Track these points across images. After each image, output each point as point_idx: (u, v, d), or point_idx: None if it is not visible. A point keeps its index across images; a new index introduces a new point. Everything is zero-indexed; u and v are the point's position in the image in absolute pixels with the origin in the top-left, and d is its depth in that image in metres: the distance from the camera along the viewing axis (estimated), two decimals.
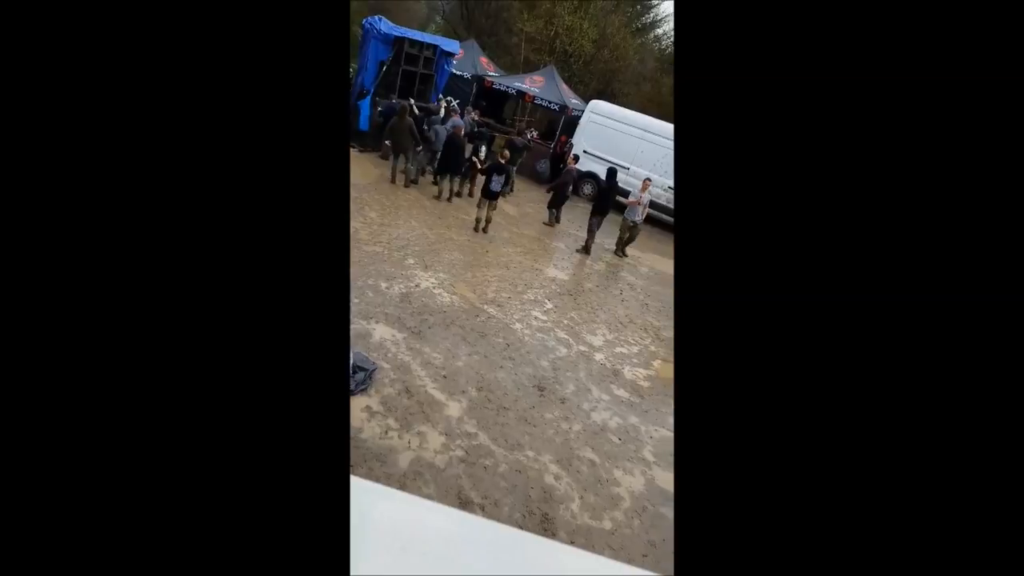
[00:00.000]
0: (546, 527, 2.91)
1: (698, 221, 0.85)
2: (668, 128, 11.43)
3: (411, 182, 8.68)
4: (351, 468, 2.89)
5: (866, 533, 0.77)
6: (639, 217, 8.33)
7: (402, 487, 2.88)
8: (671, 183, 10.69)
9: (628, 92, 18.78)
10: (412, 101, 9.38)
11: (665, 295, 7.42)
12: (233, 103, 0.83)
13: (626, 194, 9.38)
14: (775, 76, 0.82)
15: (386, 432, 3.24)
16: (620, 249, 8.66)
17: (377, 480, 2.84)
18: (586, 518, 3.06)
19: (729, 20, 0.82)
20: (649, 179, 8.69)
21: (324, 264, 0.85)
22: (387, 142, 8.67)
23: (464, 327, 4.81)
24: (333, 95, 0.87)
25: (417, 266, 5.82)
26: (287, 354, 0.84)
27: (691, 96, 0.85)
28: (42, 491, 0.77)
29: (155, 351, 0.81)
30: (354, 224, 6.31)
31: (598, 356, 5.06)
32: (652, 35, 22.79)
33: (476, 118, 10.65)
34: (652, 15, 22.71)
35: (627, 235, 8.52)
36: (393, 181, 8.58)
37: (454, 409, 3.65)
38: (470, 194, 8.76)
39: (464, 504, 2.89)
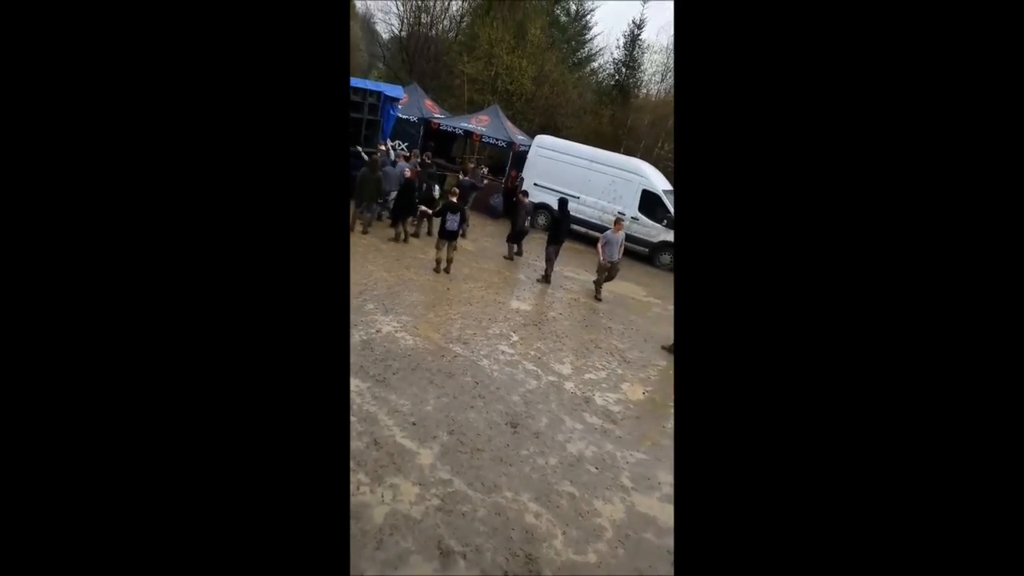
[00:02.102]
0: (531, 568, 2.84)
1: (699, 225, 0.86)
2: (612, 157, 12.03)
3: (367, 227, 8.64)
4: None
5: (862, 540, 0.78)
6: (616, 256, 7.90)
7: (379, 544, 2.76)
8: (620, 209, 11.04)
9: (571, 125, 19.38)
10: (360, 148, 9.41)
11: (626, 317, 7.55)
12: (233, 106, 0.83)
13: (578, 222, 9.47)
14: (775, 77, 0.83)
15: (357, 488, 3.12)
16: (598, 291, 8.08)
17: (352, 537, 2.71)
18: (570, 553, 3.00)
19: (729, 20, 0.83)
20: (621, 217, 8.35)
21: (323, 278, 0.86)
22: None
23: (430, 369, 4.74)
24: (334, 101, 0.87)
25: (377, 311, 5.73)
26: (287, 370, 0.84)
27: (691, 96, 0.85)
28: (32, 497, 0.78)
29: (153, 368, 0.81)
30: None
31: (568, 385, 5.06)
32: (588, 68, 23.79)
33: (428, 159, 10.75)
34: (587, 49, 23.77)
35: (605, 275, 7.98)
36: (351, 229, 8.52)
37: (426, 456, 3.56)
38: (428, 232, 8.75)
39: (445, 554, 2.79)
